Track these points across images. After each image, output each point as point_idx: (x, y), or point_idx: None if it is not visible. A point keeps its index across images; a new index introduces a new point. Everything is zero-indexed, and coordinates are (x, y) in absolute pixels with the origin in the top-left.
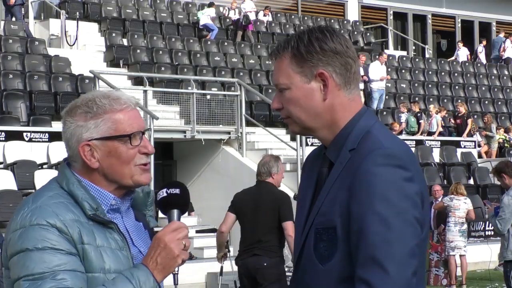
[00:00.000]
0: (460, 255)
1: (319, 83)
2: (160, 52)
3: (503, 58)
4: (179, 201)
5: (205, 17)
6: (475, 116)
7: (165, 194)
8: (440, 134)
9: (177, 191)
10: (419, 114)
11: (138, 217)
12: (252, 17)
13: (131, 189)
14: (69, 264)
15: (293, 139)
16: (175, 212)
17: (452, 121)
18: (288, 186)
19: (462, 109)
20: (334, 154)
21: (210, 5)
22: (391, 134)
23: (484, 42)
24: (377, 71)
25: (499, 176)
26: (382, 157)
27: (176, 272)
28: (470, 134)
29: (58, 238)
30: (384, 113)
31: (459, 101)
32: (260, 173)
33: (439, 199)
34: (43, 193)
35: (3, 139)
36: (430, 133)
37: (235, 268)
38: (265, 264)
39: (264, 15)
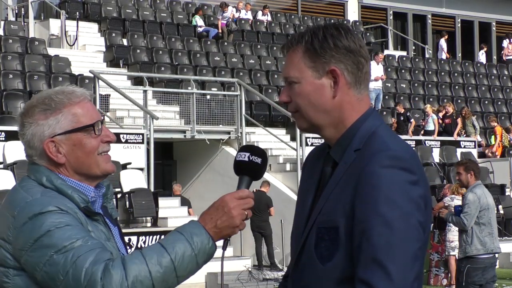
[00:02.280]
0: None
1: (330, 80)
2: (160, 52)
3: (505, 59)
4: (256, 170)
5: (200, 21)
6: (475, 116)
7: (246, 159)
8: (440, 133)
9: (258, 160)
10: (408, 114)
11: (105, 213)
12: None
13: (98, 179)
14: (90, 236)
15: (293, 139)
16: (248, 179)
17: (440, 121)
18: (288, 186)
19: (450, 109)
20: (339, 154)
21: (197, 11)
22: (397, 136)
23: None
24: (373, 70)
25: (467, 172)
26: (388, 159)
27: (229, 239)
28: (459, 134)
29: (73, 218)
30: (384, 113)
31: (446, 100)
32: None
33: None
34: (33, 189)
35: (3, 139)
36: (426, 132)
37: (234, 268)
38: None
39: (263, 15)
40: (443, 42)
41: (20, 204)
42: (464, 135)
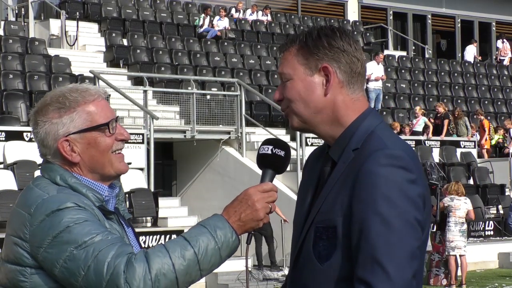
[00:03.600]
0: (460, 255)
1: (322, 78)
2: (160, 52)
3: (501, 58)
4: (279, 163)
5: (206, 20)
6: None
7: (269, 152)
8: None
9: (282, 153)
10: None
11: (117, 213)
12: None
13: (111, 179)
14: (109, 231)
15: (293, 139)
16: (271, 173)
17: (432, 120)
18: (288, 186)
19: (441, 109)
20: (337, 153)
21: (204, 9)
22: (396, 135)
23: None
24: (373, 71)
25: None
26: (385, 158)
27: (252, 232)
28: (449, 134)
29: (91, 214)
30: (384, 113)
31: (446, 100)
32: None
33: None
34: (48, 187)
35: (3, 139)
36: (414, 133)
37: (234, 268)
38: None
39: (263, 15)
40: (473, 48)
41: (36, 201)
42: (455, 135)
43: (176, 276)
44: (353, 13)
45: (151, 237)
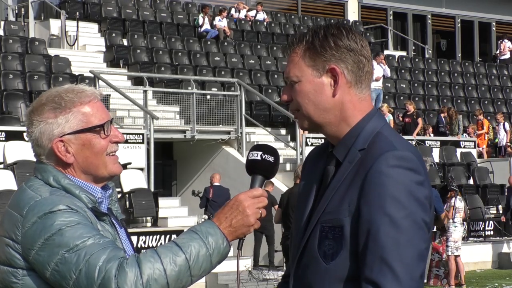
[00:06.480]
0: (456, 256)
1: (330, 79)
2: (160, 52)
3: (500, 58)
4: (268, 169)
5: (205, 19)
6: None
7: (258, 158)
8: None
9: (271, 159)
10: None
11: (110, 214)
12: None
13: (104, 181)
14: (101, 234)
15: (293, 139)
16: (261, 178)
17: (401, 119)
18: (288, 186)
19: (411, 108)
20: (343, 153)
21: (203, 8)
22: (401, 137)
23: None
24: (375, 71)
25: None
26: (395, 159)
27: (243, 238)
28: (418, 133)
29: (83, 217)
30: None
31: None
32: (294, 177)
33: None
34: (41, 189)
35: (3, 139)
36: None
37: (234, 268)
38: None
39: (258, 12)
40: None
41: (29, 203)
42: (449, 134)
43: (167, 281)
44: (353, 13)
45: (151, 237)
